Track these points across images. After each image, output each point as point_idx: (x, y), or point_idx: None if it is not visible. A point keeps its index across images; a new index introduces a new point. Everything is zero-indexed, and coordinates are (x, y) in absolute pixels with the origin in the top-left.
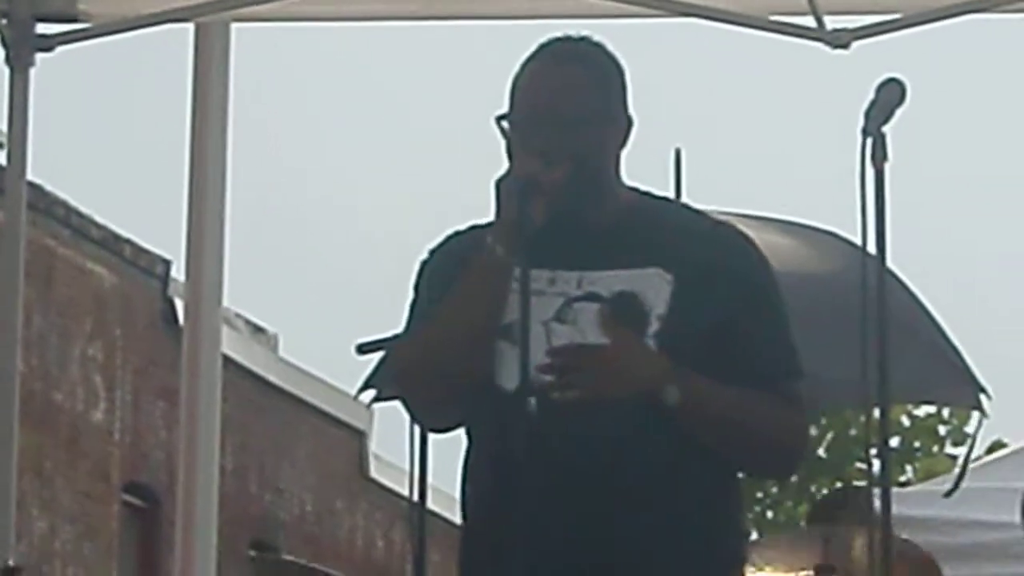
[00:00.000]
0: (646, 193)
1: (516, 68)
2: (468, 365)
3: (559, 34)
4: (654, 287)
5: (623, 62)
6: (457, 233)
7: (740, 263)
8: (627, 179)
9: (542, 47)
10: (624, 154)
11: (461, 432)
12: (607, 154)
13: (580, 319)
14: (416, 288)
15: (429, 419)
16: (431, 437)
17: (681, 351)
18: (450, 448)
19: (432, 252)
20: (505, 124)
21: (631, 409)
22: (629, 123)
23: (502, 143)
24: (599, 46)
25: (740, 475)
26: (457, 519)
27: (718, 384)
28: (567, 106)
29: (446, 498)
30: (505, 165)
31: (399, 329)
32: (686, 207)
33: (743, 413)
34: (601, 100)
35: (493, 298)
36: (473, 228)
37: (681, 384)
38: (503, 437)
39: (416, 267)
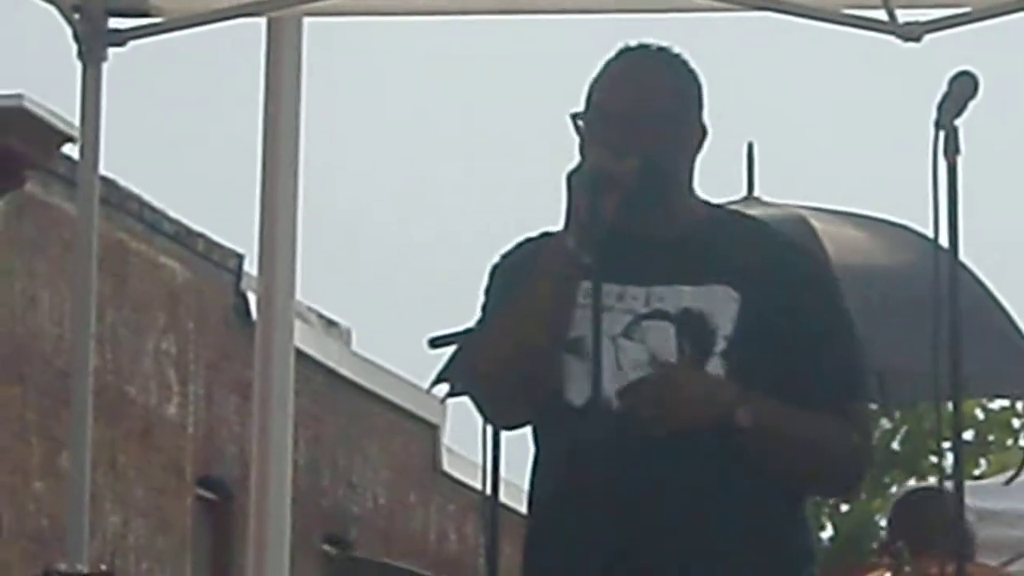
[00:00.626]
0: (717, 206)
1: (596, 70)
2: (536, 363)
3: (640, 40)
4: (721, 305)
5: (701, 76)
6: (529, 239)
7: (807, 281)
8: (699, 176)
9: (621, 52)
10: (698, 163)
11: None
12: (679, 158)
13: (648, 337)
14: (487, 292)
15: (497, 417)
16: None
17: (747, 370)
18: (523, 442)
19: (504, 256)
20: (580, 123)
21: (699, 430)
22: (703, 133)
23: (576, 140)
24: (678, 56)
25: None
26: None
27: (785, 406)
28: (641, 106)
29: (518, 491)
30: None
31: (471, 323)
32: (756, 220)
33: (810, 436)
34: (675, 104)
35: (562, 294)
36: (545, 235)
37: (752, 406)
38: (571, 452)
39: (488, 271)
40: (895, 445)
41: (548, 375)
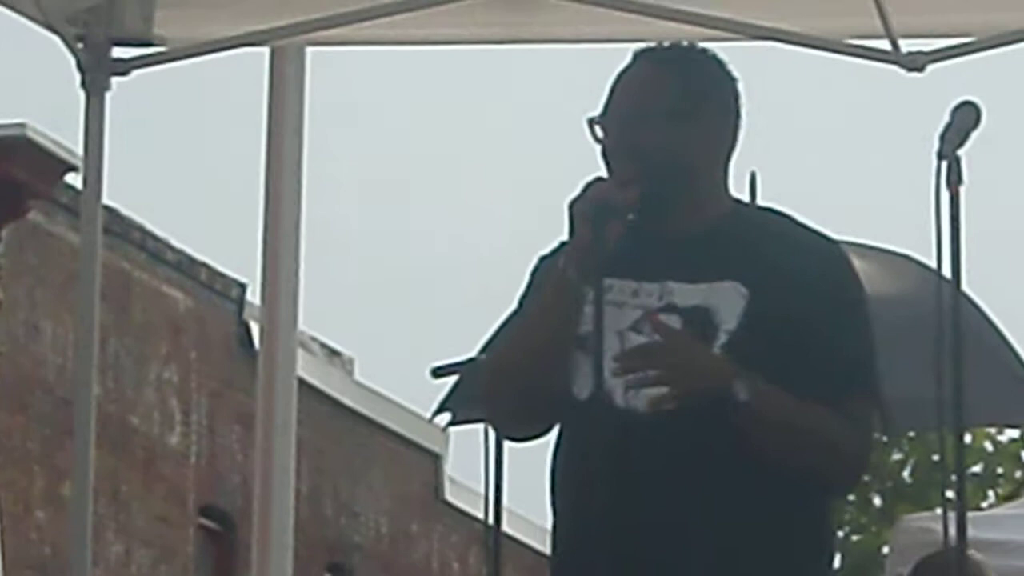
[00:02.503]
0: (745, 204)
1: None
2: (542, 380)
3: (675, 42)
4: (729, 301)
5: (733, 71)
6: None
7: (823, 276)
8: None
9: (637, 55)
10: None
11: (537, 448)
12: (701, 159)
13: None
14: (524, 292)
15: (508, 429)
16: (506, 460)
17: (747, 363)
18: (525, 471)
19: (542, 259)
20: (597, 129)
21: (702, 419)
22: (734, 129)
23: (596, 148)
24: (698, 52)
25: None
26: (532, 542)
27: (786, 394)
28: (639, 110)
29: (521, 521)
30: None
31: (473, 353)
32: (786, 217)
33: (810, 425)
34: (685, 103)
35: (564, 319)
36: None
37: (748, 382)
38: (577, 444)
39: (528, 272)
40: (906, 476)
41: (555, 380)
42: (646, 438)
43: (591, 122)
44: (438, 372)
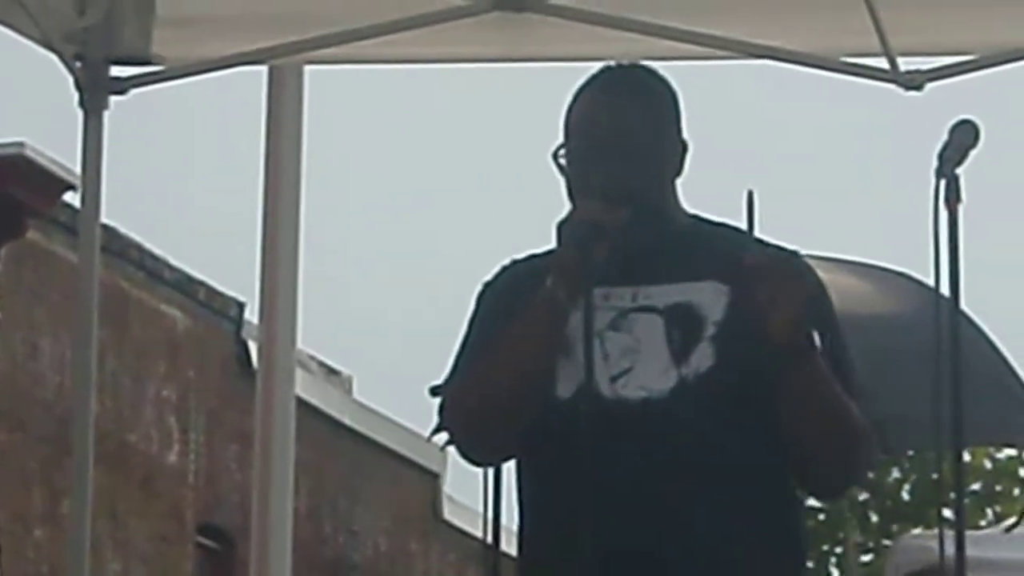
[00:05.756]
0: (704, 220)
1: (568, 100)
2: (528, 400)
3: (611, 63)
4: (710, 298)
5: (675, 85)
6: (514, 262)
7: (795, 281)
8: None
9: (593, 78)
10: (683, 182)
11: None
12: (666, 184)
13: (635, 328)
14: (471, 321)
15: (479, 455)
16: (505, 479)
17: (738, 356)
18: None
19: (487, 285)
20: (561, 160)
21: (695, 405)
22: (684, 148)
23: (560, 179)
24: (651, 72)
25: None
26: None
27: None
28: (625, 142)
29: None
30: (564, 203)
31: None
32: (743, 232)
33: (845, 401)
34: (657, 132)
35: (550, 341)
36: (529, 258)
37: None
38: (562, 441)
39: (474, 299)
40: (905, 495)
41: (536, 402)
42: (639, 426)
43: (556, 153)
44: (436, 391)
